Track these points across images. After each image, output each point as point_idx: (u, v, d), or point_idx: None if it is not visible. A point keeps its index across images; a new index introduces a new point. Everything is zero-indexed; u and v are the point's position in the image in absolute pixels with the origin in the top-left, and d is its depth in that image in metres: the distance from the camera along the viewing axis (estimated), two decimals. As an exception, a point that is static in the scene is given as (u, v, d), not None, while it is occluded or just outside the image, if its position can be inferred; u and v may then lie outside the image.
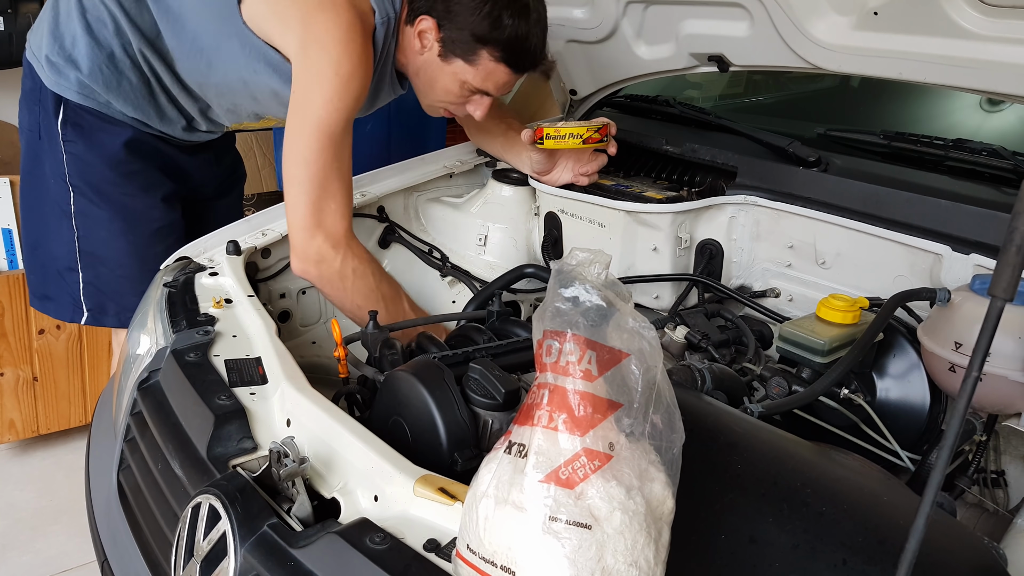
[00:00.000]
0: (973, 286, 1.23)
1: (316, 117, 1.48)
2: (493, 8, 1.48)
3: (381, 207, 1.90)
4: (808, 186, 1.63)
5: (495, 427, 1.04)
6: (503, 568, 0.66)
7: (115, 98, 1.69)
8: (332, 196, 1.51)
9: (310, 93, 1.49)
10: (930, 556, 0.76)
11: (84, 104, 1.69)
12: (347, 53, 1.47)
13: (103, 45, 1.65)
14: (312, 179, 1.49)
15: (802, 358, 1.32)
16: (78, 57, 1.66)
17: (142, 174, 1.79)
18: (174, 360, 1.19)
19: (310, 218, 1.50)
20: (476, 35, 1.50)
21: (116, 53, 1.66)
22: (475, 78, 1.56)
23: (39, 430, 2.60)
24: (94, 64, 1.66)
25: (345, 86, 1.47)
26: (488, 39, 1.51)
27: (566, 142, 1.70)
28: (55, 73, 1.68)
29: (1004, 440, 1.37)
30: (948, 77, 1.38)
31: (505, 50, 1.52)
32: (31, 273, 1.93)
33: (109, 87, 1.68)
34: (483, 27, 1.49)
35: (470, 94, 1.61)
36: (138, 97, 1.71)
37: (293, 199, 1.51)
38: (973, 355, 0.59)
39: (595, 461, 0.67)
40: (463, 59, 1.54)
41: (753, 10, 1.59)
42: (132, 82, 1.69)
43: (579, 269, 0.73)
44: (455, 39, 1.52)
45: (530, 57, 1.56)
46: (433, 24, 1.53)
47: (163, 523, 1.07)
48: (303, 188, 1.50)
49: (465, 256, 1.98)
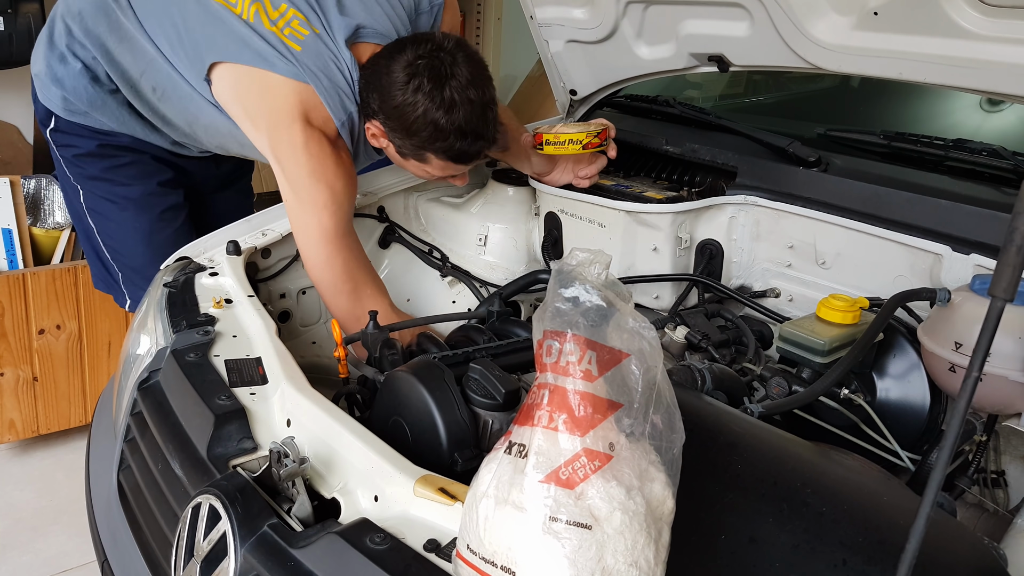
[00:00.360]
0: (973, 286, 1.23)
1: (319, 228, 1.52)
2: (424, 117, 1.46)
3: (381, 207, 1.90)
4: (808, 186, 1.63)
5: (495, 427, 1.04)
6: (503, 568, 0.66)
7: (99, 114, 1.72)
8: (364, 283, 1.58)
9: (303, 207, 1.52)
10: (930, 556, 0.76)
11: (70, 119, 1.73)
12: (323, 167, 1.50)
13: (89, 68, 1.66)
14: (340, 277, 1.55)
15: (802, 358, 1.32)
16: (63, 76, 1.68)
17: (134, 165, 1.81)
18: (174, 360, 1.19)
19: (358, 310, 1.53)
20: (416, 145, 1.52)
21: (100, 78, 1.67)
22: (434, 171, 1.60)
23: (39, 430, 2.60)
24: (79, 85, 1.67)
25: (332, 189, 1.51)
26: (427, 147, 1.51)
27: (565, 148, 1.70)
28: (44, 88, 1.72)
29: (1004, 440, 1.37)
30: (948, 77, 1.38)
31: (447, 152, 1.52)
32: (89, 260, 2.00)
33: (93, 106, 1.70)
34: (418, 138, 1.50)
35: (440, 177, 1.64)
36: (122, 115, 1.72)
37: (331, 300, 1.59)
38: (973, 355, 0.59)
39: (595, 461, 0.67)
40: (415, 160, 1.57)
41: (753, 10, 1.58)
42: (117, 103, 1.70)
43: (579, 269, 0.73)
44: (401, 146, 1.55)
45: (473, 149, 1.54)
46: (380, 130, 1.55)
47: (163, 523, 1.07)
48: (336, 287, 1.56)
49: (465, 256, 1.97)
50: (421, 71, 1.45)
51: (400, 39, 1.55)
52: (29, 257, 2.52)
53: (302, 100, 1.49)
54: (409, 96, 1.45)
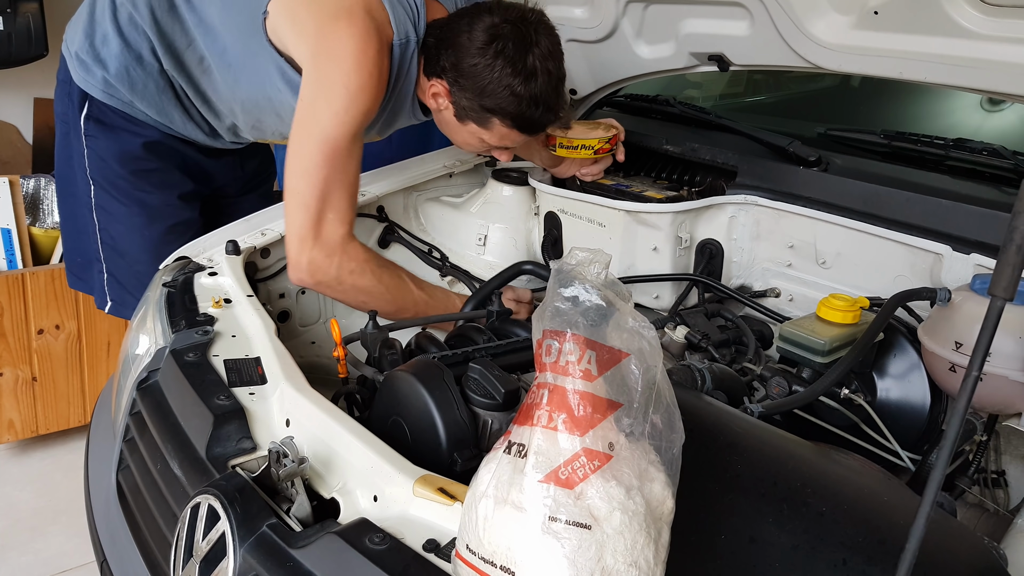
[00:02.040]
0: (973, 286, 1.23)
1: (321, 130, 1.46)
2: (500, 79, 1.45)
3: (381, 207, 1.90)
4: (808, 186, 1.63)
5: (495, 427, 1.04)
6: (503, 568, 0.66)
7: (139, 100, 1.70)
8: (333, 207, 1.49)
9: (317, 105, 1.47)
10: (930, 556, 0.76)
11: (108, 103, 1.70)
12: (358, 66, 1.44)
13: (132, 47, 1.65)
14: (313, 192, 1.47)
15: (802, 358, 1.32)
16: (107, 57, 1.66)
17: (159, 173, 1.79)
18: (173, 360, 1.19)
19: (307, 230, 1.48)
20: (484, 106, 1.49)
21: (144, 56, 1.66)
22: (490, 139, 1.57)
23: (38, 430, 2.59)
24: (121, 65, 1.66)
25: (353, 100, 1.45)
26: (496, 110, 1.49)
27: (578, 153, 1.74)
28: (83, 70, 1.69)
29: (1004, 440, 1.37)
30: (948, 76, 1.38)
31: (516, 119, 1.50)
32: (71, 256, 1.96)
33: (134, 89, 1.68)
34: (491, 99, 1.47)
35: (490, 147, 1.62)
36: (162, 101, 1.71)
37: (292, 211, 1.49)
38: (973, 355, 0.58)
39: (595, 461, 0.67)
40: (476, 124, 1.54)
41: (753, 9, 1.58)
42: (158, 86, 1.69)
43: (579, 269, 0.73)
44: (465, 107, 1.51)
45: (541, 121, 1.54)
46: (444, 89, 1.52)
47: (162, 523, 1.07)
48: (303, 201, 1.47)
49: (465, 256, 1.97)
50: (506, 35, 1.44)
51: (481, 3, 1.52)
52: (28, 257, 2.52)
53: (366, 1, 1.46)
54: (489, 58, 1.44)
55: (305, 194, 1.47)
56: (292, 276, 1.53)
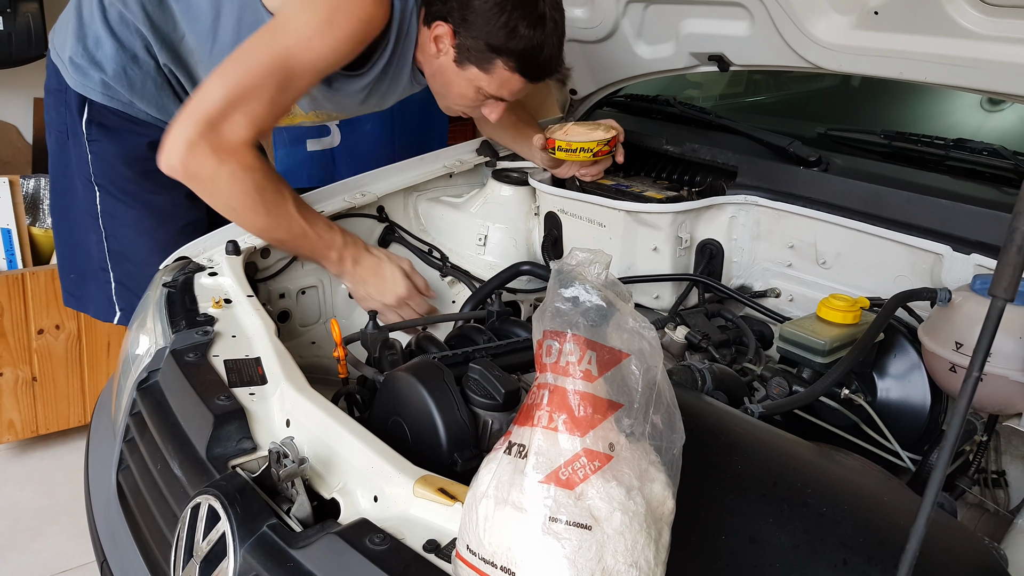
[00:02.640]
0: (974, 286, 1.23)
1: (281, 41, 1.40)
2: (509, 18, 1.45)
3: (381, 207, 1.90)
4: (809, 186, 1.63)
5: (495, 427, 1.04)
6: (503, 569, 0.66)
7: (139, 99, 1.69)
8: (248, 110, 1.40)
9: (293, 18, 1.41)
10: (931, 556, 0.75)
11: (108, 104, 1.69)
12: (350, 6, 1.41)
13: (126, 47, 1.64)
14: (237, 84, 1.39)
15: (802, 358, 1.32)
16: (102, 59, 1.65)
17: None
18: (173, 360, 1.19)
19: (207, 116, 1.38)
20: (491, 45, 1.48)
21: (139, 55, 1.65)
22: (490, 85, 1.55)
23: (38, 430, 2.59)
24: (118, 66, 1.65)
25: (330, 32, 1.40)
26: (503, 49, 1.48)
27: (577, 156, 1.73)
28: (79, 74, 1.68)
29: (1005, 440, 1.37)
30: (949, 77, 1.38)
31: (520, 60, 1.50)
32: (65, 272, 1.93)
33: (133, 88, 1.68)
34: (498, 37, 1.47)
35: (485, 99, 1.60)
36: (162, 98, 1.70)
37: (204, 91, 1.41)
38: (974, 355, 0.58)
39: (595, 461, 0.67)
40: (478, 67, 1.52)
41: (753, 9, 1.58)
42: (156, 83, 1.68)
43: (579, 269, 0.73)
44: (470, 47, 1.50)
45: (545, 67, 1.54)
46: (448, 30, 1.50)
47: (162, 524, 1.07)
48: (222, 86, 1.39)
49: (465, 256, 1.97)
50: None
51: None
52: (28, 257, 2.52)
53: None
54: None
55: (228, 80, 1.40)
56: (162, 161, 1.44)
